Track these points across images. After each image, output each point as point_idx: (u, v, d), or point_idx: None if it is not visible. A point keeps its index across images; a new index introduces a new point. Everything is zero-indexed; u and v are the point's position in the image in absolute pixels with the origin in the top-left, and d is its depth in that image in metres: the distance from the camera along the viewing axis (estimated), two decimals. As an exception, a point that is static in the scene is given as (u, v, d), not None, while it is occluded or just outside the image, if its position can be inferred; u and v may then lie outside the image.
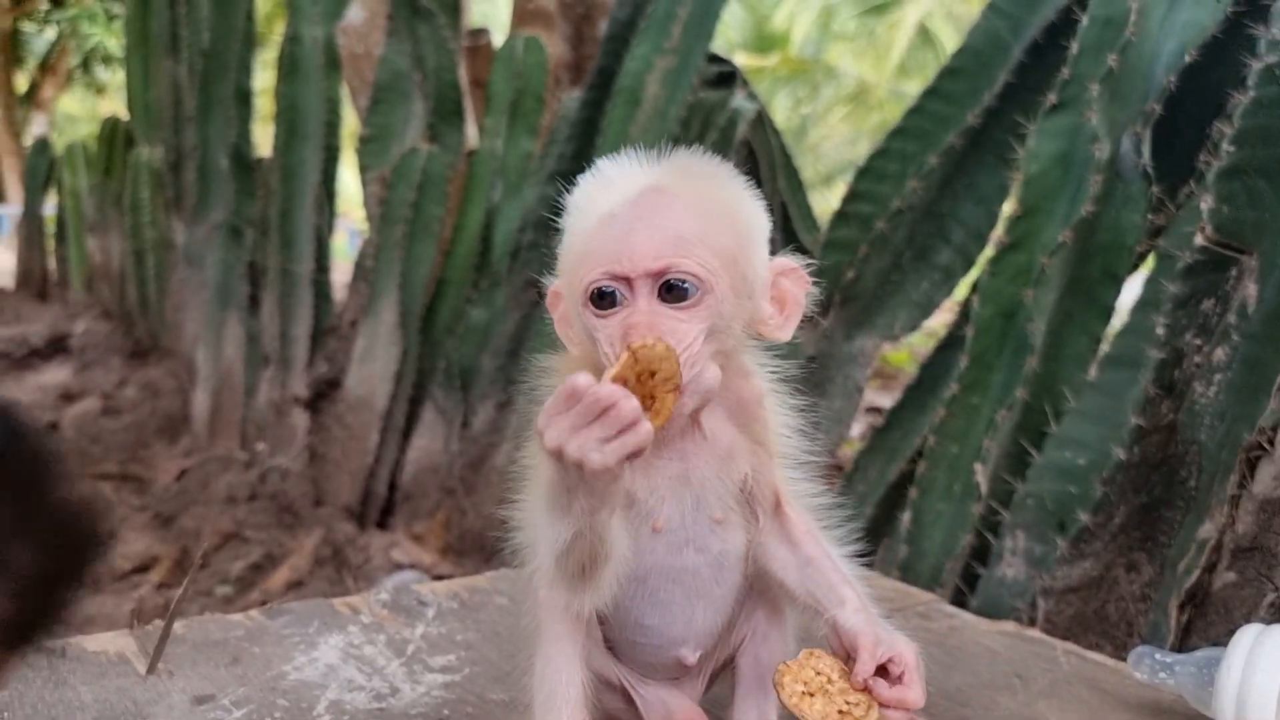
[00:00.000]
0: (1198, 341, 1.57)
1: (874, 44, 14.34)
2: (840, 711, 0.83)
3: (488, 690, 1.20)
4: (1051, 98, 1.86)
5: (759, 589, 0.97)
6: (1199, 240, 1.54)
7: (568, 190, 0.90)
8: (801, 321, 0.93)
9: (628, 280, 0.83)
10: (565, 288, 0.90)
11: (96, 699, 1.13)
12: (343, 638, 1.32)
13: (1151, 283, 1.69)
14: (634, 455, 0.76)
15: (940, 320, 2.94)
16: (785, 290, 0.91)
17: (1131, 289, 1.85)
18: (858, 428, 4.05)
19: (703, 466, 0.90)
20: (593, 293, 0.84)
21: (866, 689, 0.85)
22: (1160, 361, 1.60)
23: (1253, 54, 1.54)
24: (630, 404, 0.74)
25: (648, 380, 0.78)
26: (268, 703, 1.14)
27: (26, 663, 1.14)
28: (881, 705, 0.85)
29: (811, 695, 0.84)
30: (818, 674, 0.86)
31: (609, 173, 0.89)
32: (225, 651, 1.26)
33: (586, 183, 0.90)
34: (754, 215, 0.89)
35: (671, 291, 0.83)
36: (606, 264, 0.83)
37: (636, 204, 0.85)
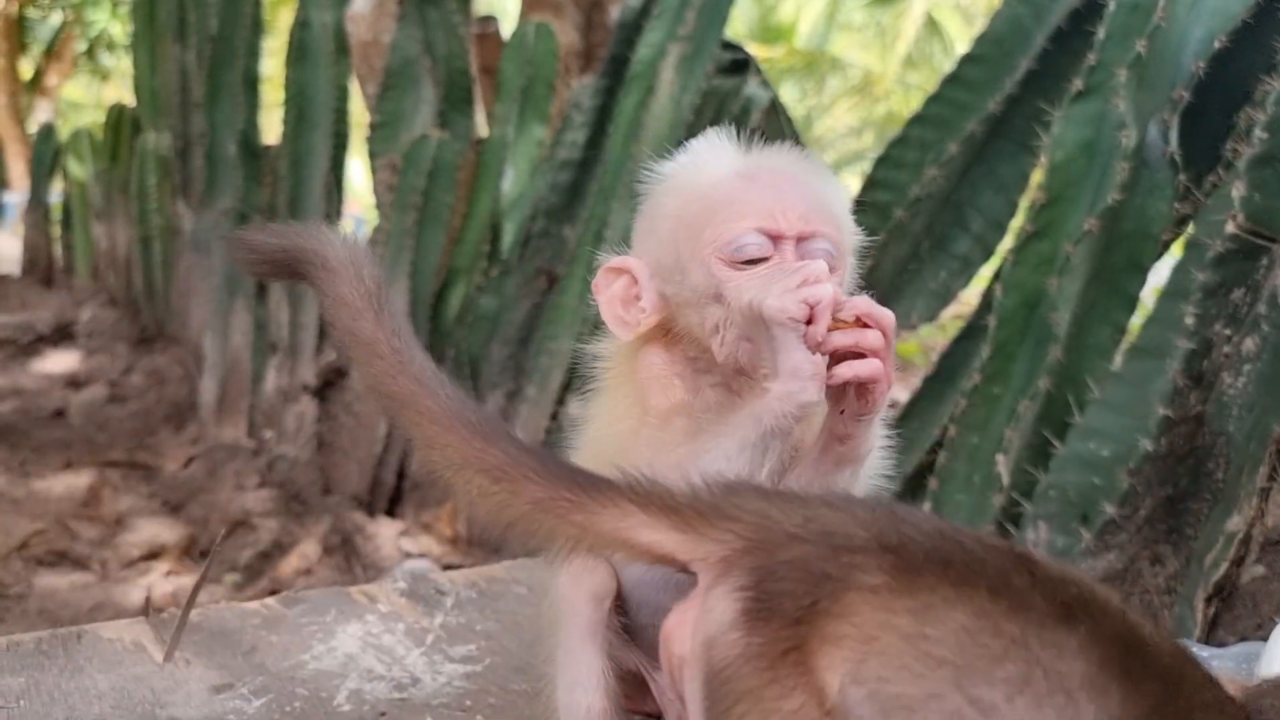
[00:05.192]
0: (1227, 331, 1.54)
1: (881, 35, 14.27)
2: None
3: (510, 681, 1.18)
4: (1077, 84, 1.83)
5: None
6: (1230, 228, 1.52)
7: (584, 175, 0.90)
8: None
9: (777, 238, 0.82)
10: (673, 248, 0.86)
11: (113, 687, 1.11)
12: (361, 627, 1.31)
13: (1180, 271, 1.66)
14: (815, 310, 0.75)
15: (948, 313, 2.92)
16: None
17: (1154, 278, 1.83)
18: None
19: None
20: (738, 248, 0.82)
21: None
22: (1189, 352, 1.57)
23: (1285, 39, 1.52)
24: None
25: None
26: (287, 692, 1.13)
27: (42, 650, 1.12)
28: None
29: None
30: None
31: (705, 148, 0.88)
32: (242, 640, 1.25)
33: (680, 157, 0.89)
34: (848, 206, 0.89)
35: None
36: (757, 218, 0.81)
37: (769, 169, 0.84)
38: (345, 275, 0.78)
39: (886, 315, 0.80)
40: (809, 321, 0.76)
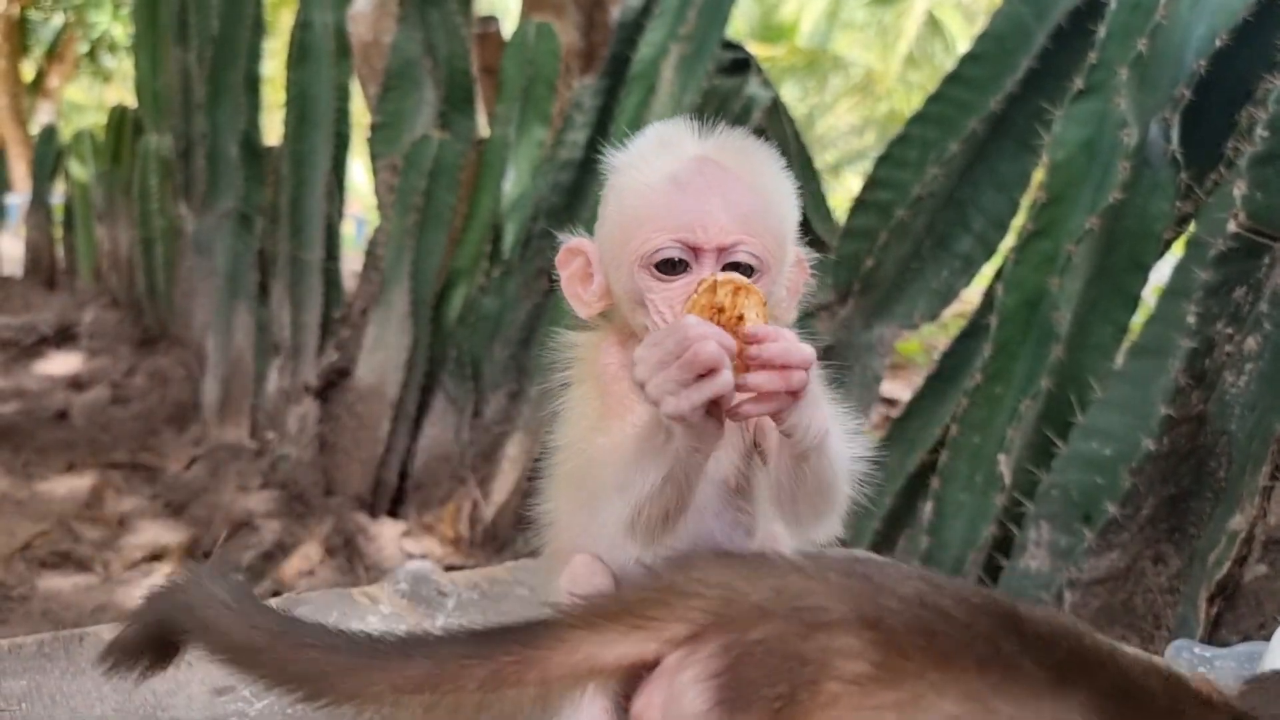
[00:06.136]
0: (1229, 330, 1.54)
1: (882, 34, 14.27)
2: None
3: (511, 682, 1.18)
4: (1078, 83, 1.83)
5: None
6: (1231, 227, 1.52)
7: (585, 175, 0.90)
8: (819, 310, 0.92)
9: (696, 250, 0.82)
10: (610, 246, 0.88)
11: (115, 689, 1.11)
12: (363, 627, 1.30)
13: (1182, 270, 1.66)
14: (715, 405, 0.72)
15: (950, 311, 2.92)
16: (793, 278, 0.91)
17: (1156, 277, 1.83)
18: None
19: None
20: (657, 257, 0.83)
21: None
22: (1191, 350, 1.57)
23: (1287, 37, 1.52)
24: (708, 348, 0.70)
25: (730, 319, 0.75)
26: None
27: (44, 652, 1.12)
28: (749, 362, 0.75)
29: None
30: (720, 310, 0.75)
31: (660, 137, 0.88)
32: (244, 641, 1.25)
33: (635, 144, 0.89)
34: (794, 202, 0.89)
35: (736, 268, 0.82)
36: (677, 231, 0.82)
37: (703, 173, 0.83)
38: (199, 599, 0.74)
39: (801, 355, 0.74)
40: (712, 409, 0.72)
